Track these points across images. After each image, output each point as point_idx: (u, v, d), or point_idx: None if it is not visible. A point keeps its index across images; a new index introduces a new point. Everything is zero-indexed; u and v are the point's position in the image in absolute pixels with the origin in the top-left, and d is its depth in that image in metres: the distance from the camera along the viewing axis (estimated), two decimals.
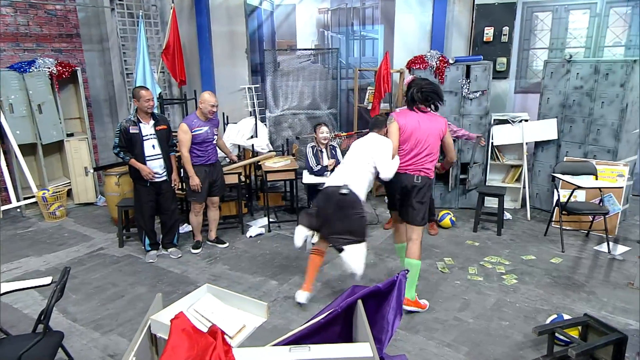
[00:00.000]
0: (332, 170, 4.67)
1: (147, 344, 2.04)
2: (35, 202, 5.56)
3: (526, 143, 5.41)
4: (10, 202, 5.48)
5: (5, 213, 5.63)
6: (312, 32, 7.33)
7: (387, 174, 3.33)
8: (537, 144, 5.47)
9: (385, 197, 5.72)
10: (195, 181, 4.28)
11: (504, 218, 5.12)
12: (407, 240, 3.51)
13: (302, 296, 3.53)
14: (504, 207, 5.03)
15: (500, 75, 5.93)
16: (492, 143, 5.52)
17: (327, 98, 6.96)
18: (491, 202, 5.44)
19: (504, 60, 5.86)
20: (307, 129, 6.90)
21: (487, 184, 5.62)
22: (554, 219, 4.85)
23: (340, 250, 3.39)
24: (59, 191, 5.56)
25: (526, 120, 5.42)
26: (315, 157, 4.81)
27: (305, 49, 7.10)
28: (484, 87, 5.30)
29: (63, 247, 4.73)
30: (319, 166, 4.75)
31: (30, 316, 3.42)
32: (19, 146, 5.41)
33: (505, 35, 5.78)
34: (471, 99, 5.35)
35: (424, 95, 3.36)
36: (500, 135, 5.48)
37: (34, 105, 5.53)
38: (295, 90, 6.90)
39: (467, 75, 5.32)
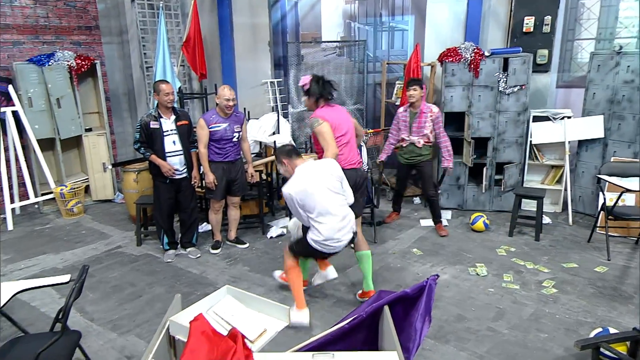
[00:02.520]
0: None
1: (165, 346, 2.09)
2: (53, 199, 5.74)
3: (569, 142, 5.27)
4: (29, 198, 5.68)
5: (23, 209, 5.84)
6: (337, 24, 7.34)
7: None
8: (581, 143, 5.32)
9: (416, 198, 5.69)
10: (209, 178, 4.34)
11: (543, 222, 5.01)
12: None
13: (304, 316, 3.32)
14: (543, 210, 4.92)
15: (540, 68, 5.79)
16: (530, 142, 5.40)
17: (352, 93, 6.94)
18: (529, 205, 5.32)
19: (545, 52, 5.72)
20: None
21: (524, 185, 5.50)
22: (598, 225, 4.70)
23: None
24: (77, 187, 5.73)
25: (569, 117, 5.28)
26: None
27: (331, 42, 7.10)
28: (522, 82, 5.19)
29: (81, 245, 4.88)
30: None
31: (47, 314, 3.54)
32: (38, 141, 5.60)
33: (548, 25, 5.64)
34: (508, 94, 5.25)
35: (327, 88, 3.62)
36: (540, 134, 5.36)
37: (53, 99, 5.72)
38: None
39: (505, 69, 5.22)
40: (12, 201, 5.50)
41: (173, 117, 4.22)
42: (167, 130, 4.19)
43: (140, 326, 3.41)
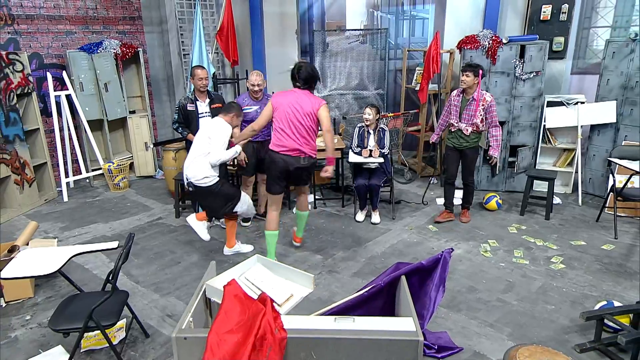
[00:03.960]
0: (370, 155, 4.60)
1: (202, 307, 2.15)
2: (102, 174, 5.90)
3: (581, 126, 5.09)
4: (81, 173, 5.86)
5: (76, 183, 6.03)
6: (361, 13, 7.19)
7: (212, 159, 3.52)
8: (593, 127, 5.13)
9: (433, 179, 5.61)
10: (240, 156, 4.38)
11: (554, 202, 4.89)
12: (299, 194, 3.88)
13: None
14: (554, 191, 4.80)
15: (556, 55, 5.57)
16: (543, 126, 5.24)
17: (374, 79, 6.84)
18: (540, 187, 5.20)
19: (562, 39, 5.49)
20: (354, 109, 6.83)
21: (536, 167, 5.37)
22: (607, 205, 4.57)
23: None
24: (123, 164, 5.87)
25: (582, 103, 5.09)
26: (360, 137, 4.75)
27: (354, 29, 6.97)
28: (538, 68, 5.00)
29: (126, 216, 5.02)
30: (358, 148, 4.71)
31: (99, 276, 3.68)
32: (88, 122, 5.74)
33: (565, 13, 5.39)
34: (524, 80, 5.08)
35: (300, 74, 3.49)
36: (554, 118, 5.19)
37: (101, 84, 5.82)
38: (343, 70, 6.82)
39: (521, 56, 5.04)
40: (66, 176, 5.68)
41: (207, 100, 4.26)
42: (202, 112, 4.23)
43: (180, 289, 3.52)
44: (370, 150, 4.62)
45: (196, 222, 3.76)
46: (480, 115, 4.24)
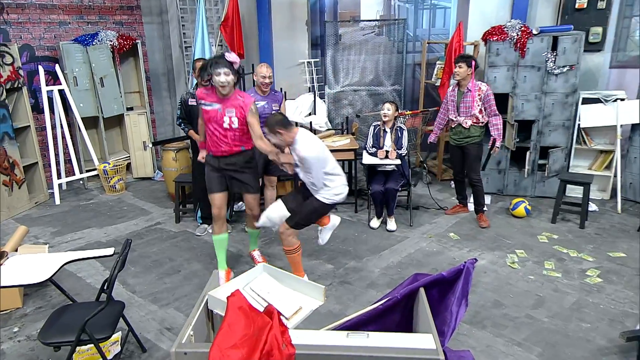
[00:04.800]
0: (386, 156, 4.59)
1: (203, 319, 2.16)
2: (97, 175, 5.98)
3: (621, 125, 5.02)
4: (74, 174, 5.94)
5: (69, 185, 6.11)
6: (377, 2, 7.20)
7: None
8: (635, 127, 5.06)
9: (452, 183, 5.59)
10: None
11: (589, 209, 4.83)
12: (248, 211, 3.78)
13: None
14: (590, 197, 4.74)
15: (593, 47, 5.51)
16: (578, 125, 5.19)
17: (391, 74, 6.83)
18: (574, 192, 5.14)
19: (599, 30, 5.43)
20: (369, 106, 6.83)
21: (570, 170, 5.31)
22: None
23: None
24: (119, 165, 5.94)
25: (622, 100, 5.03)
26: (376, 137, 4.74)
27: (370, 20, 6.98)
28: (572, 62, 4.96)
29: (123, 220, 5.07)
30: (373, 149, 4.70)
31: (92, 285, 3.73)
32: (82, 119, 5.81)
33: (603, 0, 5.34)
34: (557, 75, 5.04)
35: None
36: (589, 116, 5.13)
37: (97, 79, 5.91)
38: (357, 65, 6.83)
39: (554, 48, 5.00)
40: (59, 177, 5.77)
41: None
42: None
43: (179, 300, 3.54)
44: (387, 151, 4.61)
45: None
46: (478, 105, 4.46)
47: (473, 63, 4.42)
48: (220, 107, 3.43)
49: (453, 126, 4.66)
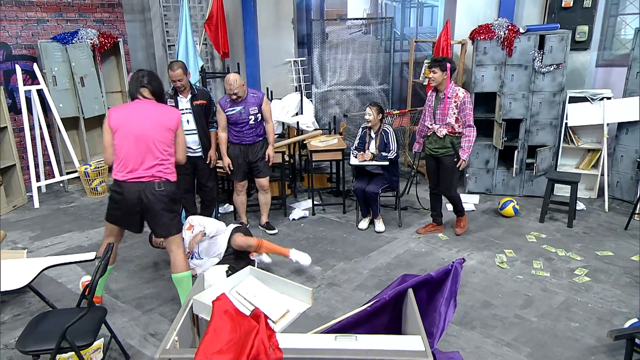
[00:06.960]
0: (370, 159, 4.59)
1: (189, 324, 2.14)
2: (78, 177, 5.90)
3: (607, 124, 5.11)
4: (54, 177, 5.86)
5: (48, 187, 6.03)
6: (364, 0, 7.21)
7: None
8: (621, 126, 5.15)
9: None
10: (224, 162, 4.47)
11: (577, 208, 4.90)
12: (169, 252, 3.27)
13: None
14: (577, 196, 4.81)
15: (579, 46, 5.60)
16: (565, 124, 5.26)
17: (378, 73, 6.86)
18: (562, 191, 5.21)
19: (586, 28, 5.52)
20: (356, 106, 6.85)
21: (557, 169, 5.38)
22: (637, 212, 4.58)
23: None
24: (101, 167, 5.87)
25: (608, 98, 5.11)
26: (361, 139, 4.75)
27: (357, 19, 7.00)
28: (559, 60, 5.03)
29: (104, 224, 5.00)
30: (355, 151, 4.71)
31: (73, 291, 3.68)
32: (62, 120, 5.74)
33: None
34: (544, 74, 5.10)
35: (136, 85, 3.09)
36: (576, 115, 5.21)
37: (77, 78, 5.83)
38: (344, 64, 6.85)
39: (541, 47, 5.07)
40: (38, 179, 5.68)
41: (189, 96, 4.26)
42: (182, 109, 4.23)
43: (164, 305, 3.51)
44: (372, 154, 4.59)
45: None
46: (454, 114, 4.13)
47: (448, 66, 4.08)
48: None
49: (429, 134, 4.36)
